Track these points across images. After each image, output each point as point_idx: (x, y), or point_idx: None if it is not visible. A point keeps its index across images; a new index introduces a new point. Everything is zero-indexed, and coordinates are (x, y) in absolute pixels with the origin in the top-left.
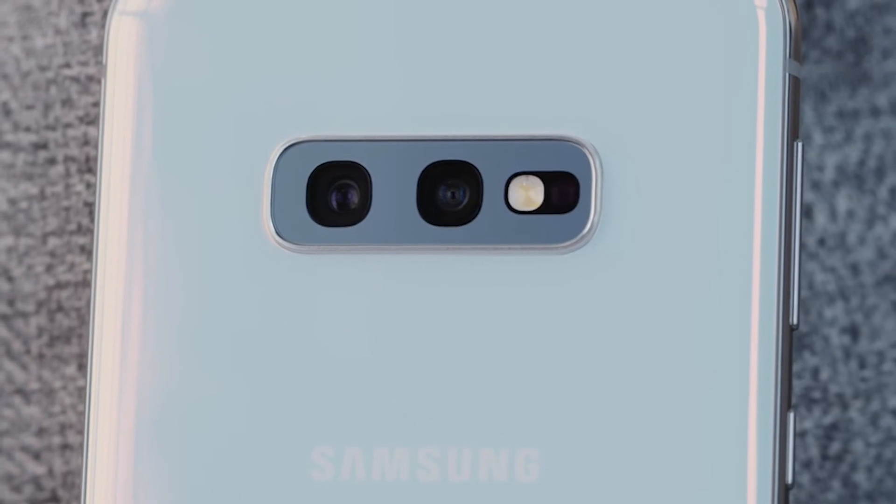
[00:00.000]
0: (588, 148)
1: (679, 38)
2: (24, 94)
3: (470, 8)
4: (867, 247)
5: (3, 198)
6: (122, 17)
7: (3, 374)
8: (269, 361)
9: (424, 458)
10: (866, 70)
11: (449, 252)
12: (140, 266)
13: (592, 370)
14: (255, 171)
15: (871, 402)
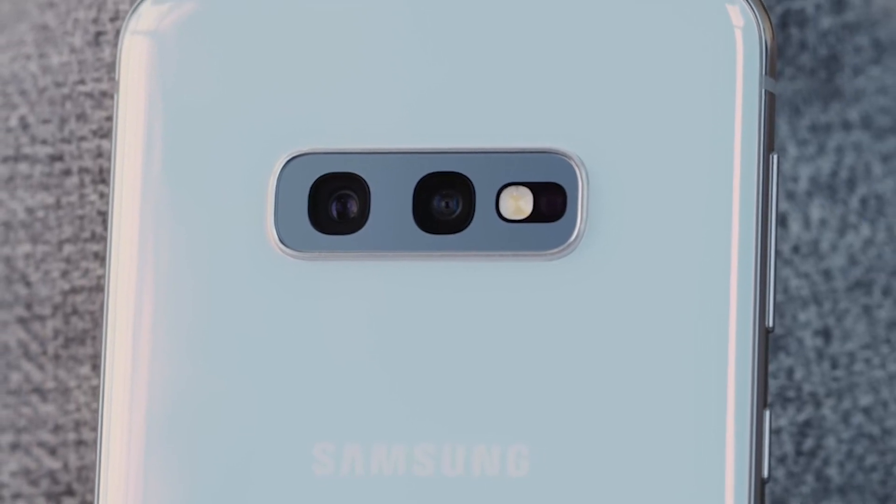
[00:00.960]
0: (575, 160)
1: (661, 56)
2: (40, 109)
3: (463, 29)
4: (839, 254)
5: (21, 207)
6: (134, 37)
7: (21, 373)
8: (274, 362)
9: (420, 454)
10: (838, 86)
11: (443, 259)
12: (150, 271)
13: (579, 370)
14: (259, 181)
15: (842, 400)
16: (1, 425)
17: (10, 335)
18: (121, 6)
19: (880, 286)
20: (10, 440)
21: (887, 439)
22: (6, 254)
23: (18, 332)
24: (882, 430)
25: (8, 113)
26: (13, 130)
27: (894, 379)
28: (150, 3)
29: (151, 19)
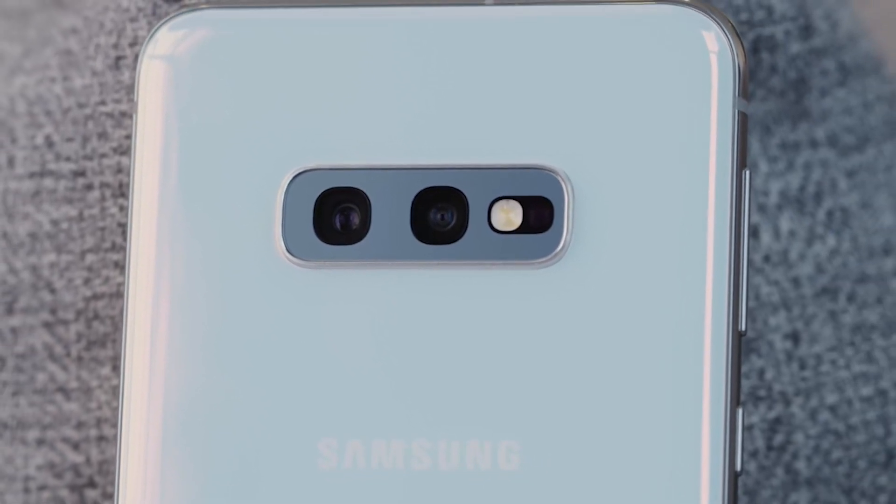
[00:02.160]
0: (561, 175)
1: (641, 78)
2: (64, 129)
3: (456, 55)
4: (807, 263)
5: (46, 219)
6: (151, 61)
7: (47, 374)
8: (281, 364)
9: (417, 449)
10: (806, 107)
11: (439, 267)
12: (167, 279)
13: (566, 371)
14: (268, 195)
15: (810, 399)
16: (28, 422)
17: (37, 338)
18: (139, 32)
19: (845, 293)
20: (37, 436)
21: (852, 435)
22: (33, 262)
23: (44, 336)
24: (847, 426)
25: (34, 132)
26: (39, 148)
27: (858, 379)
28: (166, 29)
29: (167, 45)
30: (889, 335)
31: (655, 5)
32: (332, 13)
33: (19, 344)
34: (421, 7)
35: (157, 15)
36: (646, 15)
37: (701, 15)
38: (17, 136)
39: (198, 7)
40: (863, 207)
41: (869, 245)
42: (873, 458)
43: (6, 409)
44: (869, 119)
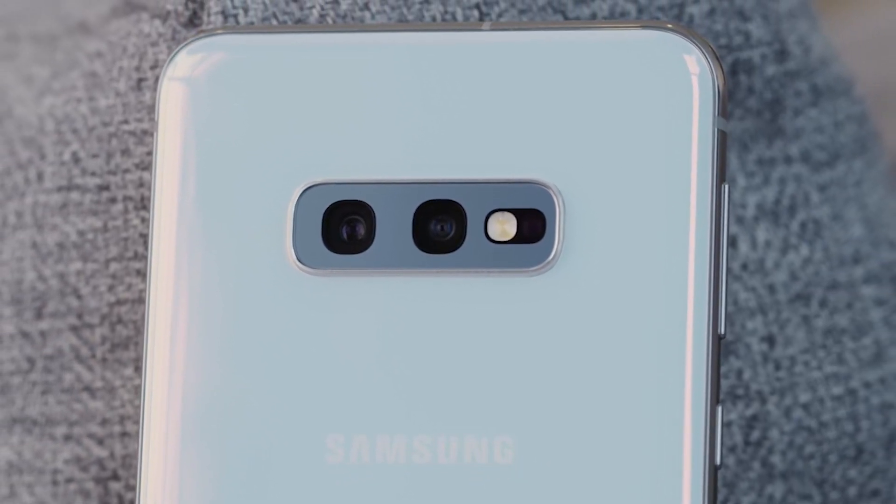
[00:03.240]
0: (553, 189)
1: (627, 99)
2: (90, 146)
3: (455, 77)
4: (782, 270)
5: (73, 230)
6: (171, 82)
7: (73, 374)
8: (291, 365)
9: (419, 444)
10: (781, 126)
11: (439, 275)
12: (185, 286)
13: (557, 371)
14: (279, 208)
15: (784, 397)
16: (56, 419)
17: (64, 341)
18: (160, 56)
19: (817, 299)
20: (64, 432)
21: (823, 431)
22: (60, 270)
23: (71, 339)
24: (819, 423)
25: (62, 149)
26: (66, 164)
27: (830, 379)
28: (185, 53)
29: (186, 67)
30: (858, 338)
31: (641, 30)
32: (338, 38)
33: (48, 346)
34: (422, 32)
35: (176, 40)
36: (632, 39)
37: (683, 39)
38: (45, 153)
39: (214, 32)
40: (834, 219)
41: (839, 254)
42: (843, 453)
43: (35, 407)
44: (839, 137)
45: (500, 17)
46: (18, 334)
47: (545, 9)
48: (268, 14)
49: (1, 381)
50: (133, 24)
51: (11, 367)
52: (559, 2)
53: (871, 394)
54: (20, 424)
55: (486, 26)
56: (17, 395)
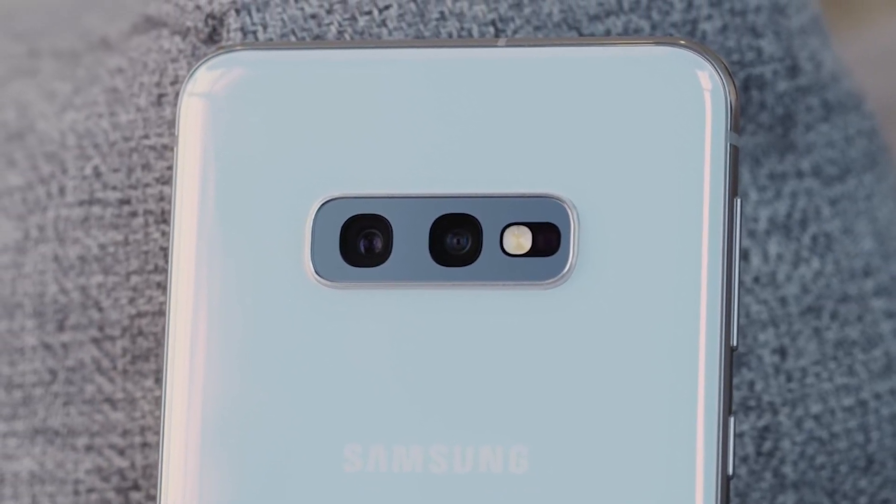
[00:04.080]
0: (568, 203)
1: (641, 114)
2: (111, 160)
3: (471, 92)
4: (793, 283)
5: (94, 243)
6: (191, 98)
7: (95, 386)
8: (310, 376)
9: (435, 454)
10: (792, 140)
11: (455, 287)
12: (205, 299)
13: (571, 382)
14: (298, 222)
15: (796, 408)
16: (77, 430)
17: (86, 353)
18: (179, 72)
19: (828, 311)
20: (86, 442)
21: (834, 442)
22: (82, 283)
23: (92, 351)
24: (830, 434)
25: (83, 163)
26: (88, 178)
27: (840, 390)
28: (204, 69)
29: (206, 83)
30: (869, 350)
31: (654, 47)
32: (356, 54)
33: (69, 358)
34: (439, 48)
35: (196, 56)
36: (645, 56)
37: (696, 56)
38: (67, 167)
39: (233, 49)
40: (844, 233)
41: (850, 267)
42: (854, 464)
43: (58, 418)
44: (850, 152)
45: (516, 34)
46: (41, 346)
47: (560, 25)
48: (286, 30)
49: (23, 392)
50: (153, 40)
51: (34, 379)
52: (574, 19)
53: (881, 405)
54: (42, 435)
55: (501, 42)
56: (40, 407)
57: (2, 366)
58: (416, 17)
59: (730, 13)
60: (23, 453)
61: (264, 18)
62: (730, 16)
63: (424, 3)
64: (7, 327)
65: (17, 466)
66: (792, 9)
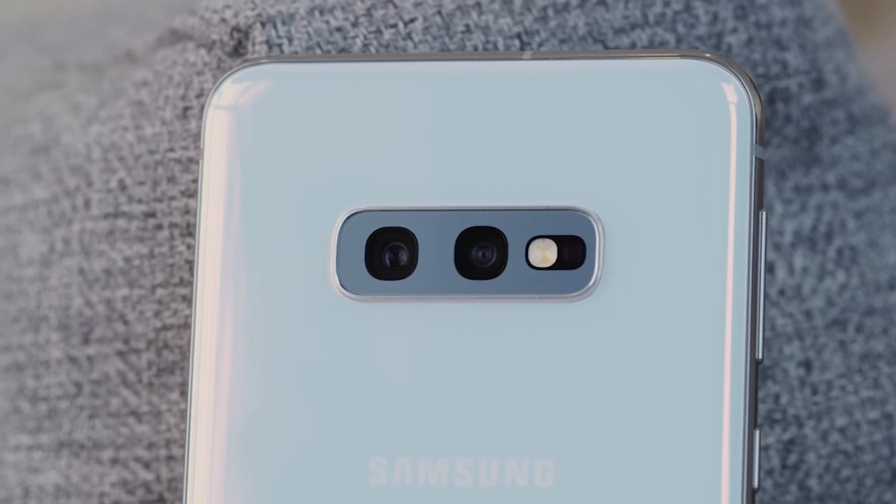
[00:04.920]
0: (593, 216)
1: (666, 127)
2: (136, 173)
3: (497, 104)
4: (818, 296)
5: (119, 256)
6: (216, 111)
7: (120, 399)
8: (335, 388)
9: (460, 467)
10: (818, 153)
11: (480, 300)
12: (230, 311)
13: (597, 395)
14: (323, 234)
15: (821, 422)
16: (103, 443)
17: (111, 366)
18: (205, 85)
19: (854, 324)
20: (111, 456)
21: (860, 455)
22: (107, 296)
23: (118, 364)
24: (855, 447)
25: (109, 176)
26: (113, 191)
27: (866, 403)
28: (229, 82)
29: (231, 96)
30: (894, 363)
31: (680, 59)
32: (381, 67)
33: (95, 371)
34: (464, 61)
35: (221, 69)
36: (671, 69)
37: (721, 69)
38: (92, 180)
39: (258, 61)
40: (870, 246)
41: (876, 280)
42: (879, 477)
43: (83, 431)
44: (875, 165)
45: (541, 47)
46: (66, 359)
47: (585, 38)
48: (312, 43)
49: (48, 405)
50: (179, 53)
51: (59, 392)
52: (599, 32)
53: None
54: (67, 448)
55: (526, 55)
56: (65, 420)
57: (27, 379)
58: (441, 30)
59: (755, 26)
60: (48, 466)
61: (290, 31)
62: (755, 29)
63: (450, 17)
64: (32, 340)
65: (43, 479)
66: (817, 22)
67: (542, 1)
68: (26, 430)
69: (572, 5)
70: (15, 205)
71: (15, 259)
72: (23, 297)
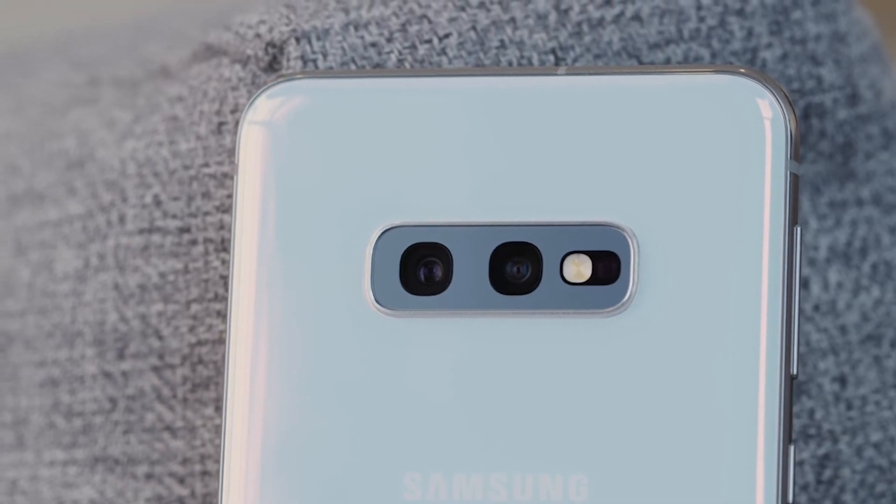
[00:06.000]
0: (628, 232)
1: (701, 143)
2: (171, 188)
3: (531, 120)
4: (853, 312)
5: (154, 272)
6: (251, 126)
7: (155, 414)
8: (370, 404)
9: (495, 482)
10: (852, 169)
11: (515, 316)
12: (265, 327)
13: (631, 411)
14: (358, 250)
15: (856, 437)
16: (137, 458)
17: (146, 381)
18: (240, 100)
19: (889, 339)
20: (146, 471)
21: (894, 470)
22: (142, 312)
23: (152, 379)
24: (890, 462)
25: (143, 192)
26: (148, 206)
27: None
28: (264, 97)
29: (265, 111)
30: None
31: (714, 75)
32: (416, 82)
33: (129, 386)
34: (499, 76)
35: (255, 84)
36: (705, 84)
37: (756, 84)
38: (127, 196)
39: (293, 77)
40: None
41: None
42: None
43: (118, 447)
44: None
45: (576, 62)
46: (101, 375)
47: (620, 54)
48: (346, 59)
49: (83, 420)
50: (214, 68)
51: (94, 407)
52: (634, 47)
53: None
54: (102, 464)
55: (561, 71)
56: (100, 435)
57: (62, 394)
58: (475, 46)
59: (790, 41)
60: (83, 482)
61: (324, 47)
62: (790, 44)
63: (484, 32)
64: (67, 356)
65: (77, 495)
66: (852, 37)
67: (577, 16)
68: (61, 446)
69: (607, 21)
70: (50, 220)
71: (50, 274)
72: (58, 312)
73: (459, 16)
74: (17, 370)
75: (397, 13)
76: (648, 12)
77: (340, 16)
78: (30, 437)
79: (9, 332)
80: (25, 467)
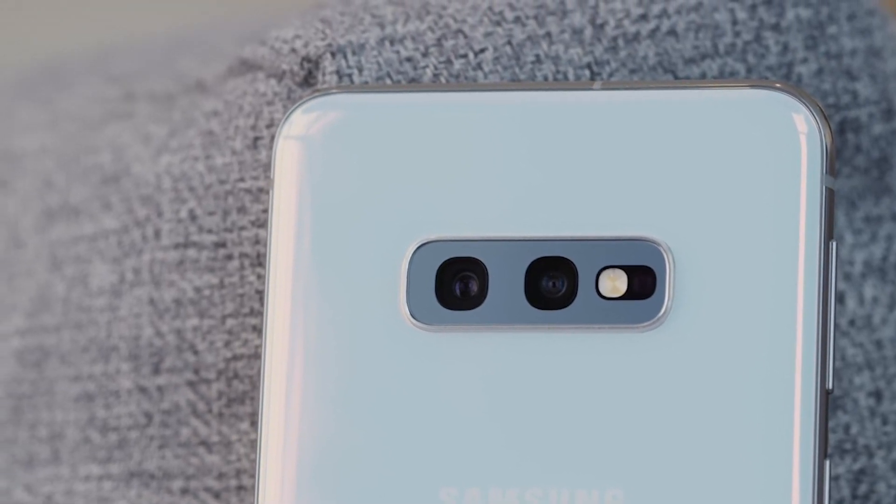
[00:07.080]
0: (663, 246)
1: (736, 157)
2: (206, 203)
3: (566, 134)
4: (889, 326)
5: (190, 287)
6: (287, 141)
7: (190, 429)
8: (405, 419)
9: (531, 497)
10: (888, 183)
11: (551, 330)
12: (300, 342)
13: (667, 425)
14: (393, 265)
15: (892, 452)
16: (173, 473)
17: (181, 396)
18: (275, 115)
19: None
20: (181, 485)
21: None
22: (178, 326)
23: (188, 394)
24: None
25: (179, 206)
26: (183, 221)
27: None
28: (300, 112)
29: (301, 126)
30: None
31: (750, 90)
32: (451, 97)
33: (165, 401)
34: (534, 91)
35: (291, 99)
36: (741, 99)
37: (791, 99)
38: (163, 210)
39: (328, 92)
40: None
41: None
42: None
43: (153, 461)
44: None
45: (611, 77)
46: (136, 389)
47: (655, 68)
48: (382, 73)
49: (119, 435)
50: (249, 83)
51: (129, 422)
52: (669, 62)
53: None
54: (138, 478)
55: (596, 85)
56: (135, 450)
57: (97, 409)
58: (511, 61)
59: (825, 56)
60: (118, 496)
61: (360, 62)
62: (825, 59)
63: (520, 47)
64: (103, 370)
65: None
66: (888, 52)
67: (613, 31)
68: (96, 460)
69: (643, 35)
70: (85, 234)
71: (85, 289)
72: (93, 326)
73: (495, 30)
74: (52, 385)
75: (433, 28)
76: (684, 27)
77: (376, 30)
78: (65, 451)
79: (44, 347)
80: (61, 482)
